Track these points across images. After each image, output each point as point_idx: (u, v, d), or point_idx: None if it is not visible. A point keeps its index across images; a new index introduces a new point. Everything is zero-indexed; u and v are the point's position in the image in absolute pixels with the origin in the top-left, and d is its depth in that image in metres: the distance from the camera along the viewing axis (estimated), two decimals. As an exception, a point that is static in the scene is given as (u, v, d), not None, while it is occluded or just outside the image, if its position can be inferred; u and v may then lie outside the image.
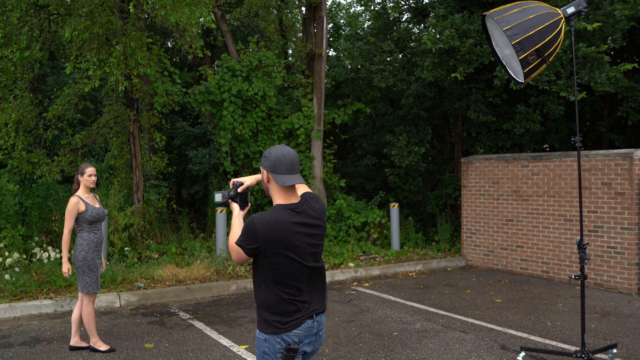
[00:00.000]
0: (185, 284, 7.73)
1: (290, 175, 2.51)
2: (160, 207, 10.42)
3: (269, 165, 2.51)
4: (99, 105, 14.31)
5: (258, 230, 2.44)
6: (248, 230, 2.46)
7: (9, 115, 8.54)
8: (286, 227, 2.47)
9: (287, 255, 2.47)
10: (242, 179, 2.77)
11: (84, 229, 5.03)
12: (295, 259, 2.49)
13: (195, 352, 5.16)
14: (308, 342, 2.57)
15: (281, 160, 2.49)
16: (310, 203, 2.62)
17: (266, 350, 2.52)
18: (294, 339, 2.50)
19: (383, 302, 7.10)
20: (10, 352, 5.16)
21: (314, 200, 2.66)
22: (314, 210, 2.59)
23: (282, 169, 2.49)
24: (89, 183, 5.07)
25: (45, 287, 7.14)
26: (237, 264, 2.67)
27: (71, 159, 9.73)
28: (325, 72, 11.69)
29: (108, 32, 8.44)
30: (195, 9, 7.68)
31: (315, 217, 2.58)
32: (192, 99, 10.33)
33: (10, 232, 8.26)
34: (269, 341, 2.52)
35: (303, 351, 2.57)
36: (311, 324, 2.55)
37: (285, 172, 2.50)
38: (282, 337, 2.50)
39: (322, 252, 2.65)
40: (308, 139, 11.21)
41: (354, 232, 10.61)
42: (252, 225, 2.45)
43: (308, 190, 2.77)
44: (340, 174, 13.54)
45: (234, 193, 2.72)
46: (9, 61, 8.13)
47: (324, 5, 11.32)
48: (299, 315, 2.52)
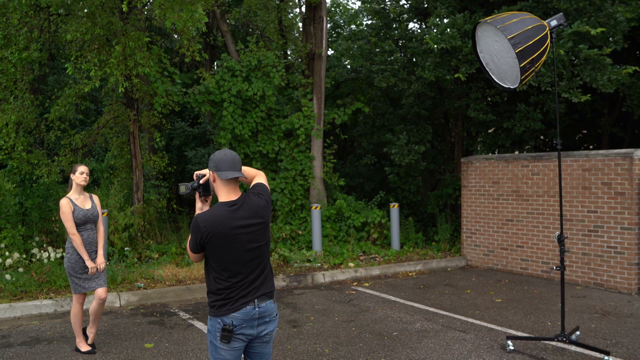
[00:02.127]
0: (185, 283, 7.73)
1: (232, 171, 2.80)
2: (161, 207, 10.43)
3: (214, 165, 2.81)
4: (99, 105, 14.31)
5: (200, 226, 2.72)
6: (193, 228, 2.76)
7: (9, 117, 8.54)
8: (224, 222, 2.74)
9: (226, 247, 2.74)
10: (204, 171, 2.99)
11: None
12: (233, 251, 2.76)
13: (195, 352, 5.17)
14: (249, 326, 2.81)
15: (223, 159, 2.80)
16: (250, 198, 2.86)
17: (210, 329, 2.83)
18: (228, 321, 2.76)
19: (383, 302, 7.10)
20: (10, 352, 5.16)
21: (257, 195, 2.90)
22: (253, 205, 2.83)
23: (225, 166, 2.79)
24: (80, 180, 5.03)
25: (45, 287, 7.14)
26: (195, 262, 2.97)
27: (71, 159, 9.73)
28: (325, 72, 11.69)
29: (108, 33, 8.44)
30: (192, 8, 7.64)
31: (253, 212, 2.82)
32: (192, 99, 10.33)
33: (11, 232, 8.26)
34: (211, 321, 2.82)
35: (242, 333, 2.81)
36: (251, 310, 2.79)
37: (228, 169, 2.79)
38: (222, 319, 2.77)
39: (265, 244, 2.89)
40: (308, 139, 11.21)
41: (354, 232, 10.61)
42: (195, 223, 2.75)
43: (262, 182, 3.01)
44: (340, 173, 13.54)
45: (197, 184, 2.94)
46: (9, 62, 8.13)
47: (324, 5, 11.31)
48: (241, 301, 2.78)
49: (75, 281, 5.02)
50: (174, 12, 7.52)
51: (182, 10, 7.53)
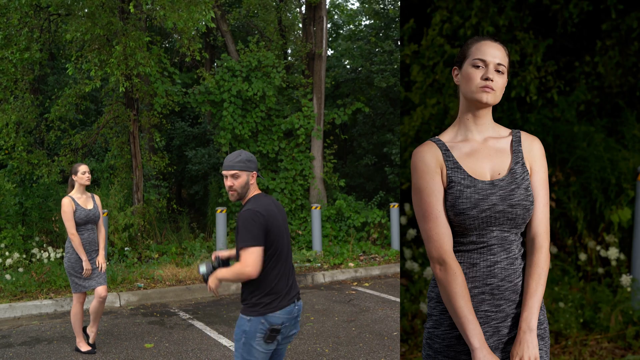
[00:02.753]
0: (185, 283, 7.74)
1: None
2: (161, 207, 10.43)
3: (256, 166, 2.84)
4: (99, 105, 14.31)
5: (263, 213, 2.66)
6: (253, 217, 2.64)
7: (9, 117, 8.54)
8: (276, 211, 2.79)
9: (280, 240, 2.74)
10: (221, 252, 2.98)
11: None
12: (284, 245, 2.78)
13: (195, 352, 5.17)
14: (290, 325, 2.76)
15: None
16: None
17: (247, 329, 2.68)
18: (276, 321, 2.68)
19: (383, 302, 7.10)
20: (10, 352, 5.17)
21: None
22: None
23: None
24: (84, 180, 5.00)
25: (45, 287, 7.14)
26: (258, 270, 2.65)
27: (71, 159, 9.74)
28: (325, 72, 11.70)
29: (109, 33, 8.45)
30: (195, 9, 7.67)
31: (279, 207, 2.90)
32: (192, 99, 10.33)
33: (11, 232, 8.27)
34: (251, 322, 2.68)
35: (282, 333, 2.74)
36: (292, 308, 2.76)
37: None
38: (266, 318, 2.66)
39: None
40: (308, 139, 11.21)
41: (354, 232, 10.61)
42: (254, 212, 2.66)
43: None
44: (340, 173, 13.55)
45: (217, 263, 2.91)
46: (9, 62, 8.13)
47: (324, 5, 11.32)
48: (287, 298, 2.74)
49: (75, 281, 5.02)
50: (175, 11, 7.54)
51: (187, 7, 7.56)
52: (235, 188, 2.76)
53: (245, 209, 2.71)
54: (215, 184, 12.22)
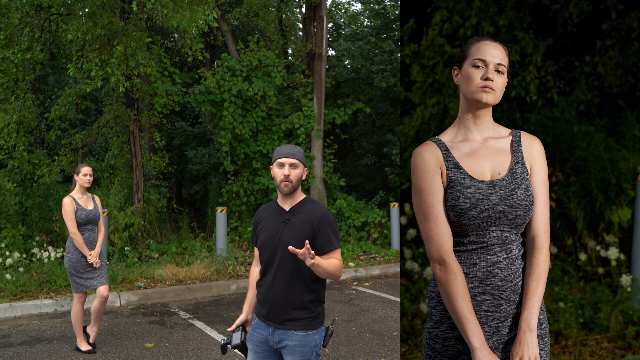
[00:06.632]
0: (186, 283, 7.74)
1: None
2: (161, 207, 10.43)
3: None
4: (100, 105, 14.31)
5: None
6: (334, 219, 2.69)
7: (10, 116, 8.55)
8: None
9: None
10: (239, 321, 2.81)
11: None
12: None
13: (196, 351, 5.17)
14: None
15: None
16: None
17: (318, 342, 2.63)
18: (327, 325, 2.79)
19: (383, 302, 7.11)
20: (10, 352, 5.17)
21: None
22: None
23: None
24: (84, 182, 5.05)
25: (45, 287, 7.15)
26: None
27: (72, 159, 9.74)
28: (326, 72, 11.70)
29: (109, 33, 8.45)
30: (197, 9, 7.68)
31: None
32: (192, 99, 10.33)
33: (11, 232, 8.27)
34: (318, 333, 2.65)
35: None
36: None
37: None
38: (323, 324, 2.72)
39: None
40: (308, 139, 11.21)
41: (354, 231, 10.61)
42: (331, 214, 2.69)
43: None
44: (340, 173, 13.55)
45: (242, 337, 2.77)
46: (11, 62, 8.14)
47: (324, 5, 11.32)
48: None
49: (76, 280, 5.03)
50: (177, 11, 7.55)
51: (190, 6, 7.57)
52: (291, 178, 2.61)
53: (323, 209, 2.66)
54: (215, 183, 12.22)
